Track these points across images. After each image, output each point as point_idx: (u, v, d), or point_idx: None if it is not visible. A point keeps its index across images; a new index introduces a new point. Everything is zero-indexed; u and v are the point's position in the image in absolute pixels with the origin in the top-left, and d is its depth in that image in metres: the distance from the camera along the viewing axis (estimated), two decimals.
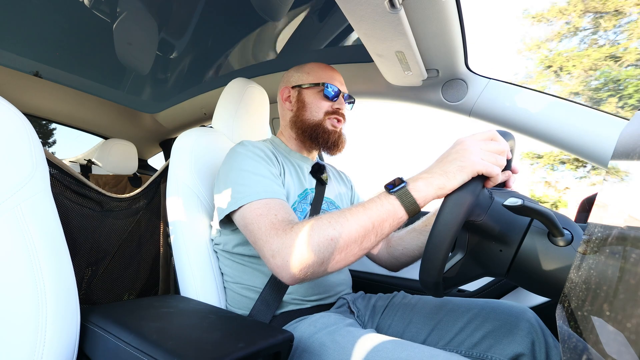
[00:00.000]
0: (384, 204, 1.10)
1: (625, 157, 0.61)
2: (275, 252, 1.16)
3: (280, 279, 1.18)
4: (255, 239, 1.25)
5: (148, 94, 3.67)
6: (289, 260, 1.12)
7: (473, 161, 1.02)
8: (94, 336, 1.10)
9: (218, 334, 1.03)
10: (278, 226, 1.21)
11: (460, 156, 1.04)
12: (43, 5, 2.41)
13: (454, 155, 1.06)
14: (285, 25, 2.48)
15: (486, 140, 1.08)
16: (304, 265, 1.11)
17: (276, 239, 1.17)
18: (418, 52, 1.71)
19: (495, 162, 1.03)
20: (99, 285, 1.77)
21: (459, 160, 1.04)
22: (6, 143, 0.94)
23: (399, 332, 1.53)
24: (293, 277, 1.14)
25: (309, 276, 1.15)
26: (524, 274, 1.01)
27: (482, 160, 1.02)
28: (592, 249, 0.60)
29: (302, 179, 1.67)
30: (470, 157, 1.03)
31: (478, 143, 1.07)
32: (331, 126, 1.70)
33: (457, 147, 1.08)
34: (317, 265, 1.12)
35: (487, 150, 1.05)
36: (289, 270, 1.13)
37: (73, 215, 1.57)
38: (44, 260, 0.96)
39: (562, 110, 1.76)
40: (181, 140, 1.69)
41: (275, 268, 1.17)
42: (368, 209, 1.11)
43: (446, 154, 1.10)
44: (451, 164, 1.05)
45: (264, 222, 1.23)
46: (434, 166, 1.09)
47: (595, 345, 0.45)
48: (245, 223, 1.30)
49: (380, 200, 1.11)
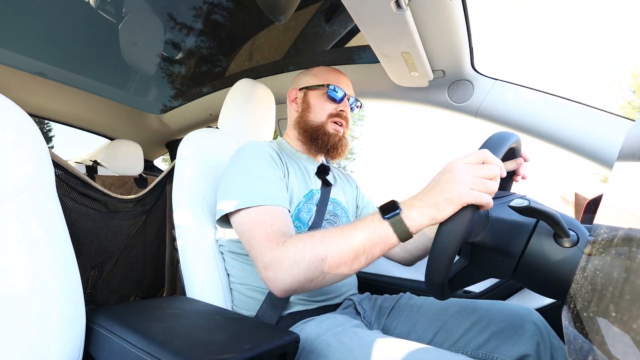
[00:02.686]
0: (376, 229, 1.10)
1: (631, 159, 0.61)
2: (267, 265, 1.18)
3: (271, 290, 1.21)
4: (249, 248, 1.27)
5: (154, 95, 3.68)
6: (279, 275, 1.15)
7: (460, 193, 1.00)
8: (100, 337, 1.10)
9: (224, 335, 1.03)
10: (272, 238, 1.22)
11: (449, 186, 1.02)
12: (48, 5, 2.42)
13: (443, 185, 1.04)
14: (292, 26, 2.48)
15: (476, 164, 1.05)
16: (293, 281, 1.14)
17: (269, 251, 1.19)
18: (424, 53, 1.71)
19: (485, 189, 1.00)
20: (104, 287, 1.78)
21: (447, 192, 1.02)
22: (11, 144, 0.94)
23: (405, 333, 1.53)
24: (283, 290, 1.17)
25: (298, 291, 1.18)
26: (530, 275, 1.01)
27: (470, 190, 1.00)
28: (598, 250, 0.60)
29: (308, 180, 1.67)
30: (459, 188, 1.01)
31: (467, 170, 1.03)
32: (332, 130, 1.70)
33: (446, 174, 1.06)
34: (306, 282, 1.14)
35: (476, 176, 1.02)
36: (278, 284, 1.16)
37: (78, 217, 1.57)
38: (49, 261, 0.96)
39: (568, 111, 1.75)
40: (187, 141, 1.69)
41: (266, 280, 1.19)
42: (361, 231, 1.11)
43: (436, 181, 1.08)
44: (440, 194, 1.03)
45: (259, 232, 1.25)
46: (426, 194, 1.07)
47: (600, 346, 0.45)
48: (242, 229, 1.32)
49: (374, 224, 1.11)
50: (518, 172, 1.31)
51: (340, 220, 1.69)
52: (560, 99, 1.79)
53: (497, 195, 1.18)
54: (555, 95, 1.81)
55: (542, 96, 1.83)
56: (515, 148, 1.25)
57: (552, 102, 1.80)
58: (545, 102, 1.81)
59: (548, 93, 1.83)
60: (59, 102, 3.42)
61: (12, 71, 2.91)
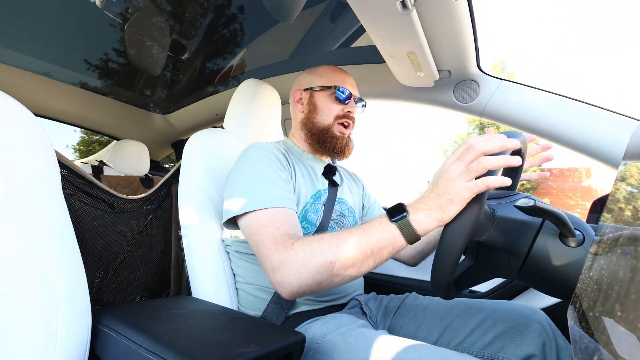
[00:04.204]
0: (384, 232, 1.10)
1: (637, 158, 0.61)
2: (275, 268, 1.18)
3: (279, 293, 1.21)
4: (257, 250, 1.27)
5: (160, 95, 3.68)
6: (287, 278, 1.15)
7: (458, 190, 0.99)
8: (105, 337, 1.10)
9: (230, 335, 1.03)
10: (279, 241, 1.22)
11: (447, 188, 1.02)
12: (54, 5, 2.42)
13: (441, 187, 1.04)
14: (297, 26, 2.49)
15: (462, 154, 1.03)
16: (301, 284, 1.14)
17: (276, 254, 1.19)
18: (430, 53, 1.71)
19: (476, 173, 0.99)
20: (110, 287, 1.78)
21: (447, 193, 1.02)
22: (17, 144, 0.94)
23: (411, 333, 1.53)
24: (291, 293, 1.17)
25: (307, 293, 1.18)
26: (536, 275, 1.01)
27: (466, 184, 0.99)
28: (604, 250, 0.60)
29: (315, 180, 1.67)
30: (455, 187, 1.00)
31: (456, 165, 1.03)
32: (338, 132, 1.70)
33: (442, 176, 1.05)
34: (314, 285, 1.14)
35: (466, 166, 1.01)
36: (287, 287, 1.16)
37: (84, 217, 1.57)
38: (55, 261, 0.96)
39: (574, 110, 1.75)
40: (193, 141, 1.69)
41: (274, 282, 1.19)
42: (368, 235, 1.11)
43: (435, 184, 1.08)
44: (441, 196, 1.03)
45: (267, 235, 1.25)
46: (429, 197, 1.07)
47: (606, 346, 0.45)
48: (249, 232, 1.32)
49: (382, 227, 1.11)
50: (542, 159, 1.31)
51: (347, 220, 1.70)
52: (566, 99, 1.79)
53: (502, 195, 1.18)
54: (561, 95, 1.80)
55: (547, 96, 1.83)
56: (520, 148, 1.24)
57: (557, 102, 1.80)
58: (551, 102, 1.81)
59: (554, 93, 1.83)
60: (65, 103, 3.42)
61: (18, 71, 2.92)
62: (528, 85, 1.88)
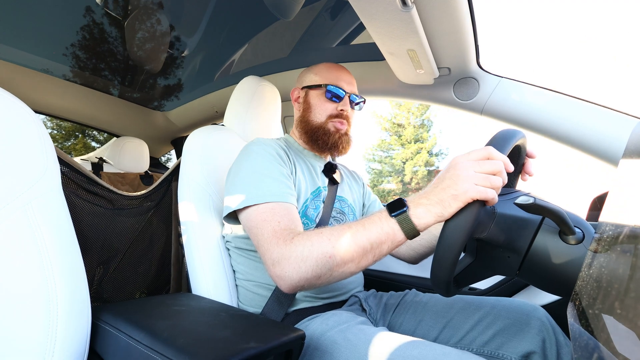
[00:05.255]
0: (383, 227, 1.10)
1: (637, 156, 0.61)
2: (275, 262, 1.18)
3: (278, 286, 1.21)
4: (257, 244, 1.28)
5: (159, 92, 3.68)
6: (288, 271, 1.15)
7: (466, 189, 1.00)
8: (105, 334, 1.10)
9: (229, 332, 1.03)
10: (279, 235, 1.23)
11: (454, 183, 1.02)
12: (54, 2, 2.42)
13: (448, 182, 1.04)
14: (297, 23, 2.48)
15: (480, 160, 1.04)
16: (301, 278, 1.14)
17: (276, 248, 1.20)
18: (430, 51, 1.71)
19: (490, 184, 1.01)
20: (110, 284, 1.78)
21: (452, 189, 1.02)
22: (17, 141, 0.94)
23: (411, 330, 1.53)
24: (290, 287, 1.17)
25: (306, 287, 1.19)
26: (536, 272, 1.01)
27: (475, 186, 1.00)
28: (604, 247, 0.60)
29: (315, 177, 1.67)
30: (463, 184, 1.00)
31: (472, 165, 1.03)
32: (333, 128, 1.70)
33: (450, 171, 1.06)
34: (314, 279, 1.15)
35: (481, 172, 1.02)
36: (286, 280, 1.16)
37: (84, 214, 1.57)
38: (54, 258, 0.97)
39: (573, 108, 1.75)
40: (193, 139, 1.69)
41: (274, 276, 1.20)
42: (368, 230, 1.11)
43: (441, 178, 1.08)
44: (445, 191, 1.03)
45: (267, 229, 1.26)
46: (431, 191, 1.07)
47: (606, 343, 0.45)
48: (250, 226, 1.32)
49: (381, 222, 1.11)
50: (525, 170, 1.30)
51: (347, 218, 1.70)
52: (566, 97, 1.78)
53: (502, 192, 1.18)
54: (561, 93, 1.80)
55: (547, 94, 1.83)
56: (520, 145, 1.24)
57: (557, 99, 1.80)
58: (551, 100, 1.81)
59: (554, 90, 1.82)
60: (64, 100, 3.42)
61: (18, 68, 2.91)
62: (528, 83, 1.88)
